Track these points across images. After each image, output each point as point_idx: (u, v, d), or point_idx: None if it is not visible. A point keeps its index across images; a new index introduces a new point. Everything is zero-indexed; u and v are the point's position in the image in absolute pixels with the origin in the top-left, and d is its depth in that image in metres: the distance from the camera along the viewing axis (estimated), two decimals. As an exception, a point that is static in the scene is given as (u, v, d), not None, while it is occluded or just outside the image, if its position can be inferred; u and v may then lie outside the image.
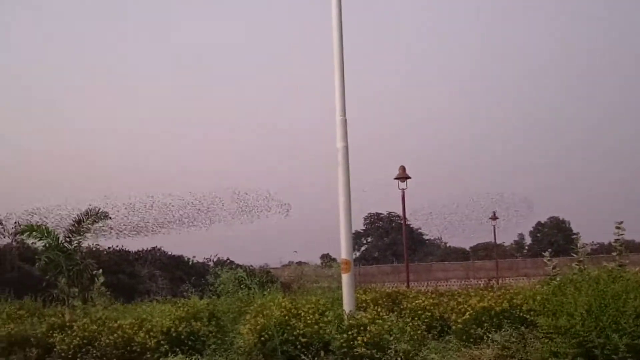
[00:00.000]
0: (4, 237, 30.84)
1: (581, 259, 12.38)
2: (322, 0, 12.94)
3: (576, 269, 11.77)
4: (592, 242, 51.80)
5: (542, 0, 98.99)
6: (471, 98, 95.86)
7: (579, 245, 13.04)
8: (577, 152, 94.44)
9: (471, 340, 10.46)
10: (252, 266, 33.68)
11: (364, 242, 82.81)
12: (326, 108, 12.99)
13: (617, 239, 12.71)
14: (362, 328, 10.77)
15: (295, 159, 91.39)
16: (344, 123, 12.39)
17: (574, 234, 17.08)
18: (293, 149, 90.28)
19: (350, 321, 11.14)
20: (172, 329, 12.57)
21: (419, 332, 10.92)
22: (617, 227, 12.80)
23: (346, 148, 12.37)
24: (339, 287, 12.36)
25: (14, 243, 30.74)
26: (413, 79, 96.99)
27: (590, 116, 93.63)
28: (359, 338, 10.59)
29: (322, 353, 10.88)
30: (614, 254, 12.54)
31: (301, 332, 11.05)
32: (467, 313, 10.89)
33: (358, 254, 75.09)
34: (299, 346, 10.99)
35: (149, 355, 12.48)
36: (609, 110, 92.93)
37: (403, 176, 28.95)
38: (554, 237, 71.19)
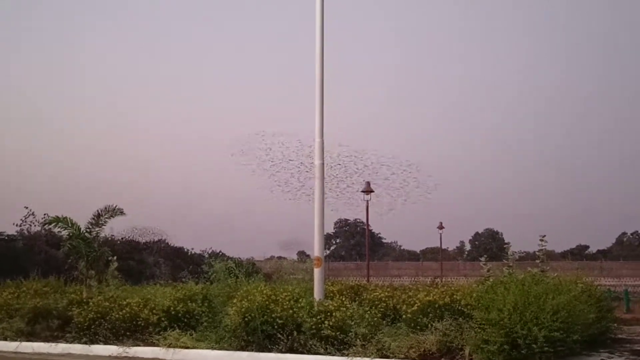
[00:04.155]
0: (35, 226, 30.32)
1: (510, 264, 12.45)
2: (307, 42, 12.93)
3: (506, 272, 11.82)
4: (520, 250, 51.72)
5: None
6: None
7: (509, 252, 13.13)
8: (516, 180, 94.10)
9: (418, 327, 10.45)
10: (240, 258, 33.33)
11: (334, 242, 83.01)
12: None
13: (541, 249, 12.82)
14: (328, 314, 10.77)
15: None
16: (321, 144, 12.38)
17: (506, 243, 17.15)
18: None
19: (319, 307, 11.12)
20: (172, 308, 12.51)
21: (375, 319, 10.90)
22: (541, 240, 12.92)
23: (322, 165, 12.36)
24: (311, 279, 12.31)
25: (42, 231, 30.23)
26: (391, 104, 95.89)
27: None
28: (325, 322, 10.59)
29: (295, 333, 10.84)
30: (538, 261, 12.64)
31: (278, 315, 10.99)
32: (416, 305, 10.88)
33: (328, 252, 74.94)
34: (276, 326, 10.96)
35: (151, 329, 12.42)
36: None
37: (368, 190, 28.93)
38: (489, 245, 71.70)
